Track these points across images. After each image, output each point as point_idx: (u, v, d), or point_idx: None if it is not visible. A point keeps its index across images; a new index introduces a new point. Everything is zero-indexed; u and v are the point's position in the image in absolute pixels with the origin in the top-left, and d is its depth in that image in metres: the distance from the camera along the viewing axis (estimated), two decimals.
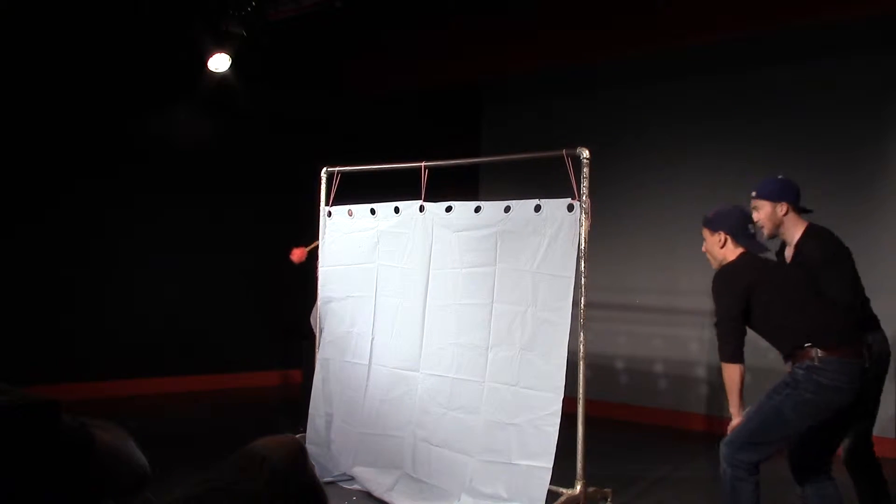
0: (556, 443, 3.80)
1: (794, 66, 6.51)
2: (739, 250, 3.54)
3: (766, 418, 3.33)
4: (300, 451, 1.33)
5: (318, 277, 5.79)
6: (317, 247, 5.84)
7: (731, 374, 3.39)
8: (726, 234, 3.56)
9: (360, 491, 4.61)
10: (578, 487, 4.01)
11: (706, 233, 3.65)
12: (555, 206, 4.02)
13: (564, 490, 4.03)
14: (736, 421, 3.41)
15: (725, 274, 3.51)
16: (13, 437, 1.15)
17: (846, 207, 6.23)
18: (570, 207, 3.96)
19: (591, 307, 4.19)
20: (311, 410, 5.01)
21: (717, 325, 3.47)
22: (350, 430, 4.79)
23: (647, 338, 7.19)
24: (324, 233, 5.16)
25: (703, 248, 3.73)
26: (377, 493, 4.46)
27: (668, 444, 6.31)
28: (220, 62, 7.00)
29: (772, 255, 3.78)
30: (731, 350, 3.38)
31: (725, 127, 6.82)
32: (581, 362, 4.03)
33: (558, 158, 4.05)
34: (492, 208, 4.30)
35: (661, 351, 7.07)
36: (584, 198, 3.96)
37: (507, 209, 4.21)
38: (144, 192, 7.49)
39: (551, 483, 3.86)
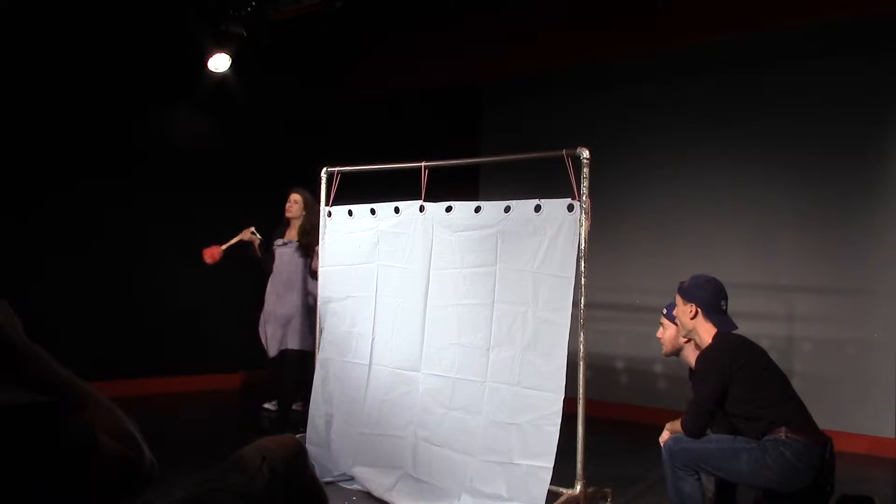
0: (556, 443, 3.80)
1: (793, 66, 6.51)
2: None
3: (723, 452, 3.33)
4: (300, 451, 1.33)
5: (267, 287, 5.81)
6: (236, 244, 5.77)
7: (681, 431, 3.49)
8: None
9: (360, 491, 4.61)
10: (578, 487, 4.01)
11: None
12: (555, 207, 4.01)
13: (564, 490, 4.03)
14: (666, 434, 3.54)
15: (713, 357, 3.44)
16: (13, 437, 1.15)
17: (846, 209, 6.24)
18: (570, 207, 3.96)
19: (591, 307, 4.18)
20: (311, 410, 5.00)
21: (694, 403, 3.46)
22: (350, 430, 4.78)
23: (647, 338, 7.15)
24: (324, 233, 5.15)
25: (658, 334, 3.79)
26: (377, 493, 4.46)
27: None
28: (220, 62, 7.01)
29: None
30: (697, 430, 3.43)
31: (725, 127, 6.81)
32: (581, 362, 4.02)
33: (558, 158, 4.04)
34: (492, 208, 4.29)
35: (660, 351, 7.04)
36: (584, 198, 3.95)
37: (507, 209, 4.21)
38: (144, 191, 7.49)
39: (551, 483, 3.85)
